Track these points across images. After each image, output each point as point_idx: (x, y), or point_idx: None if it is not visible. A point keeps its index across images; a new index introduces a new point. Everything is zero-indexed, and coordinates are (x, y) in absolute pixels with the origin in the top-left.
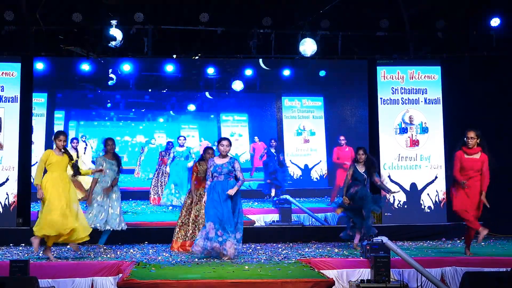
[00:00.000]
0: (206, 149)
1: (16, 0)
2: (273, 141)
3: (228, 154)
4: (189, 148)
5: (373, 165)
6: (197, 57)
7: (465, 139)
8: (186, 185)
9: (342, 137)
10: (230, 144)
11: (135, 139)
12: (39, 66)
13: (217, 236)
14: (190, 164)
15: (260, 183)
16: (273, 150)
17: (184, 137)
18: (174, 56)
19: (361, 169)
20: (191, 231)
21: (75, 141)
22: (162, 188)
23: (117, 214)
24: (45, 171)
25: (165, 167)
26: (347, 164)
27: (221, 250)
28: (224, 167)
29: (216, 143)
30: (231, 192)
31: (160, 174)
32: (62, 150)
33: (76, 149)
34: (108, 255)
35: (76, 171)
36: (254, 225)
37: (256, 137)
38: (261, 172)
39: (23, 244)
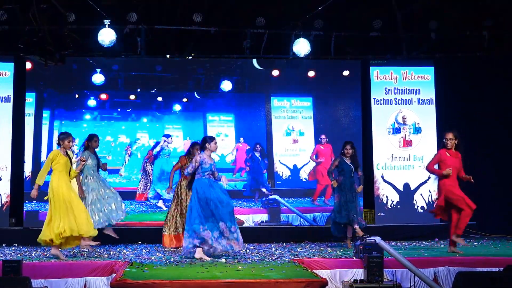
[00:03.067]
0: (194, 144)
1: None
2: (258, 145)
3: None
4: (176, 148)
5: (357, 161)
6: (190, 57)
7: (444, 140)
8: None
9: (323, 136)
10: None
11: (118, 140)
12: (28, 65)
13: (231, 233)
14: None
15: (244, 182)
16: (257, 154)
17: (172, 136)
18: (168, 56)
19: (347, 161)
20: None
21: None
22: (147, 184)
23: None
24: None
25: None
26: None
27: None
28: (215, 166)
29: (207, 141)
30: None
31: (145, 169)
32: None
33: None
34: (101, 255)
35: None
36: (243, 225)
37: (241, 138)
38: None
39: (16, 244)
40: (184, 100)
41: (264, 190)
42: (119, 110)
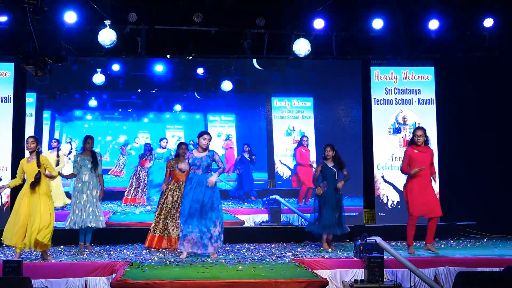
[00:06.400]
0: (180, 144)
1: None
2: (246, 146)
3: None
4: (170, 150)
5: (341, 161)
6: (190, 57)
7: (414, 137)
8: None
9: (305, 138)
10: (211, 138)
11: (118, 139)
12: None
13: (188, 231)
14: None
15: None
16: (246, 155)
17: (167, 139)
18: (168, 56)
19: (329, 164)
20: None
21: (54, 141)
22: (138, 189)
23: (96, 212)
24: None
25: (143, 169)
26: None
27: (200, 246)
28: (203, 161)
29: (198, 137)
30: (212, 179)
31: (137, 175)
32: (34, 156)
33: (58, 149)
34: (100, 255)
35: (35, 182)
36: (244, 225)
37: (230, 136)
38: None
39: None
40: (184, 101)
41: (252, 197)
42: (120, 110)
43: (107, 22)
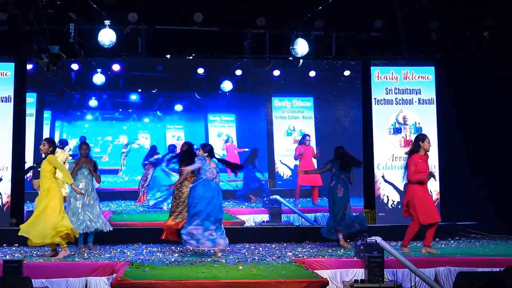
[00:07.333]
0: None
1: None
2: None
3: None
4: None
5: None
6: (190, 57)
7: (424, 145)
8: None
9: (307, 137)
10: None
11: (117, 140)
12: (29, 66)
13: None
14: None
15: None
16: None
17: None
18: (168, 56)
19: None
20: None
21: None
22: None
23: (87, 218)
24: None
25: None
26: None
27: (213, 246)
28: (216, 170)
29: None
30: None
31: (147, 177)
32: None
33: None
34: (101, 255)
35: None
36: (244, 225)
37: (230, 138)
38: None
39: (17, 244)
40: (184, 101)
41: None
42: (120, 110)
43: (107, 22)
